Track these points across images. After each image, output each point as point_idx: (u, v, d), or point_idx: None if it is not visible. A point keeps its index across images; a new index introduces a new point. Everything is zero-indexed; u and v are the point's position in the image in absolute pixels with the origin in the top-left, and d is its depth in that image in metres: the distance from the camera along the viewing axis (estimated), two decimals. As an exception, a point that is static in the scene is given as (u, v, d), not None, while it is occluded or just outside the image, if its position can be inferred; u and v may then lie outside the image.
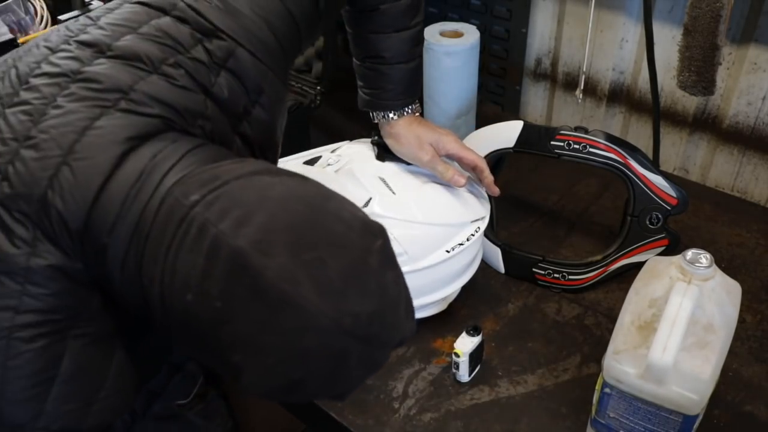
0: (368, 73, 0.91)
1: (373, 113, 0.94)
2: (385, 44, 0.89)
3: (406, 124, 0.93)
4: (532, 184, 1.28)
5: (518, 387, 0.92)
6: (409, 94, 0.93)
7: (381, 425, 0.88)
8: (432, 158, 0.92)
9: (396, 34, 0.89)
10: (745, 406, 0.88)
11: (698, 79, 1.05)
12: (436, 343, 0.99)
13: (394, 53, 0.90)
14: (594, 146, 1.00)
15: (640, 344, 0.72)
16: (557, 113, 1.48)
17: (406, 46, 0.90)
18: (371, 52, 0.90)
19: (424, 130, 0.93)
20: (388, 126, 0.93)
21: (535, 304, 1.04)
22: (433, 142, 0.92)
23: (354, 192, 0.89)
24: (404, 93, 0.92)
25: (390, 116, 0.92)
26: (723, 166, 1.27)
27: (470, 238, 0.93)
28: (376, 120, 0.94)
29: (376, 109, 0.93)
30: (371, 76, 0.91)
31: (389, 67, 0.90)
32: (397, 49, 0.90)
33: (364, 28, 0.89)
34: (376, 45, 0.89)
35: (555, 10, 1.34)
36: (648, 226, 1.03)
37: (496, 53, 1.47)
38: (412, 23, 0.90)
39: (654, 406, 0.72)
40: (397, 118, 0.93)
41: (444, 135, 0.94)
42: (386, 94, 0.91)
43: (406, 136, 0.93)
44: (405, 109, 0.93)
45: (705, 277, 0.71)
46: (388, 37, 0.89)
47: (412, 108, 0.94)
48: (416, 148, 0.92)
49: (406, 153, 0.93)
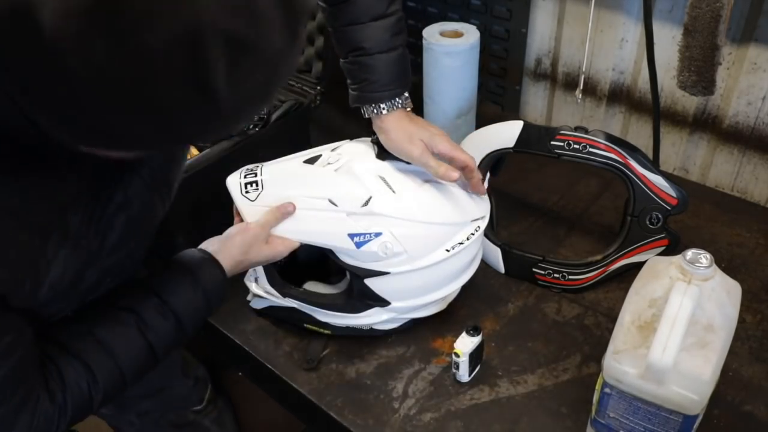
0: (352, 68, 0.91)
1: (363, 108, 0.93)
2: (364, 34, 0.89)
3: (396, 119, 0.92)
4: (532, 184, 1.28)
5: (518, 387, 0.92)
6: (396, 85, 0.92)
7: (381, 425, 0.88)
8: (423, 153, 0.91)
9: (373, 23, 0.88)
10: (745, 406, 0.88)
11: (698, 79, 1.05)
12: (436, 343, 0.99)
13: (373, 43, 0.89)
14: (594, 146, 1.00)
15: (640, 344, 0.72)
16: (557, 113, 1.48)
17: (386, 34, 0.89)
18: (352, 45, 0.90)
19: (415, 127, 0.92)
20: (378, 120, 0.92)
21: (535, 304, 1.04)
22: (425, 138, 0.91)
23: (354, 190, 0.89)
24: (391, 84, 0.91)
25: (380, 108, 0.91)
26: (723, 166, 1.27)
27: (470, 238, 0.93)
28: (366, 115, 0.93)
29: (364, 103, 0.92)
30: (355, 70, 0.91)
31: (371, 58, 0.90)
32: (376, 39, 0.89)
33: (341, 22, 0.89)
34: (355, 36, 0.89)
35: (555, 10, 1.34)
36: (648, 226, 1.03)
37: (496, 53, 1.47)
38: (389, 11, 0.89)
39: (654, 406, 0.72)
40: (387, 111, 0.91)
41: (436, 134, 0.93)
42: (371, 86, 0.90)
43: (395, 130, 0.92)
44: (394, 101, 0.92)
45: (705, 277, 0.71)
46: (366, 26, 0.88)
47: (402, 101, 0.93)
48: (407, 143, 0.91)
49: (396, 148, 0.92)
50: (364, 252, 0.88)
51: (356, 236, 0.88)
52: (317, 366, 0.96)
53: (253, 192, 0.90)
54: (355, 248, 0.88)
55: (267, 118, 1.15)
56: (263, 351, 0.99)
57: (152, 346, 0.76)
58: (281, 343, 1.00)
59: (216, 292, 0.83)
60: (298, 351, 0.99)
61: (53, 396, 0.68)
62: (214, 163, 1.07)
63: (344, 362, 0.97)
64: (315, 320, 0.98)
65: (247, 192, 0.90)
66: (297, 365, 0.97)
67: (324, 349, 0.99)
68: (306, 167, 0.93)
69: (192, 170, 1.05)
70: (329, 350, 0.99)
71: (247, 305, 1.05)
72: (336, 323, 0.97)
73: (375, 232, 0.88)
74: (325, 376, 0.95)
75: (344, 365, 0.96)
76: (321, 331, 0.99)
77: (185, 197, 1.06)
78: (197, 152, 1.10)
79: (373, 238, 0.88)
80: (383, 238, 0.88)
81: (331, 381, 0.94)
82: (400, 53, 0.92)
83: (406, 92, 0.93)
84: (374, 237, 0.88)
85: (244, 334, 1.02)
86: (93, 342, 0.73)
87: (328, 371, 0.96)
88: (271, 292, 0.98)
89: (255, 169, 0.94)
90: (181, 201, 1.06)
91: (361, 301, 0.94)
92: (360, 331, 0.98)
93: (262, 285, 0.99)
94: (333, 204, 0.88)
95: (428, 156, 0.91)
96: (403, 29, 0.92)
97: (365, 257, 0.89)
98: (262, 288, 0.99)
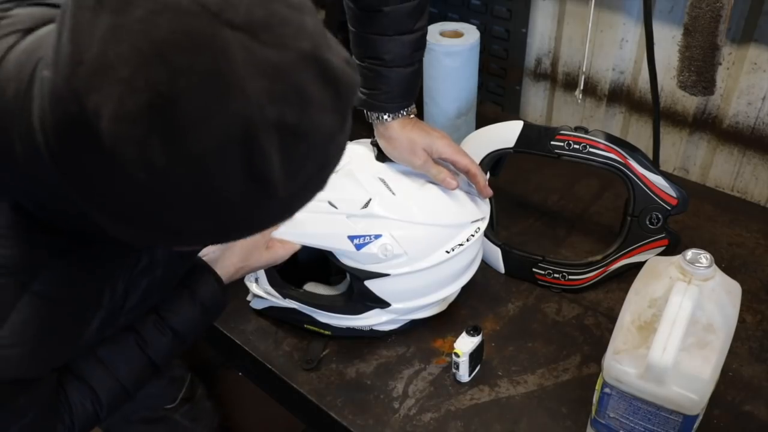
0: (367, 74, 0.91)
1: (368, 113, 0.93)
2: (387, 47, 0.89)
3: (399, 127, 0.92)
4: (532, 184, 1.28)
5: (518, 387, 0.92)
6: (406, 97, 0.93)
7: (381, 425, 0.88)
8: (424, 162, 0.92)
9: (398, 37, 0.88)
10: (745, 406, 0.88)
11: (698, 79, 1.05)
12: (436, 343, 0.99)
13: (394, 56, 0.89)
14: (594, 146, 1.00)
15: (640, 344, 0.72)
16: (557, 113, 1.48)
17: (407, 50, 0.90)
18: (371, 53, 0.90)
19: (417, 134, 0.92)
20: (382, 127, 0.93)
21: (535, 304, 1.05)
22: (427, 146, 0.92)
23: (354, 193, 0.89)
24: (401, 96, 0.92)
25: (384, 118, 0.92)
26: (723, 166, 1.27)
27: (470, 239, 0.93)
28: (370, 120, 0.94)
29: (371, 110, 0.93)
30: (369, 76, 0.91)
31: (388, 70, 0.90)
32: (397, 53, 0.89)
33: (366, 29, 0.89)
34: (377, 46, 0.89)
35: (555, 10, 1.34)
36: (648, 226, 1.03)
37: (496, 53, 1.47)
38: (416, 27, 0.90)
39: (654, 406, 0.72)
40: (392, 120, 0.92)
41: (438, 138, 0.93)
42: (382, 96, 0.91)
43: (399, 139, 0.92)
44: (400, 112, 0.93)
45: (705, 277, 0.71)
46: (391, 39, 0.88)
47: (407, 111, 0.94)
48: (408, 153, 0.92)
49: (398, 156, 0.93)
50: (364, 254, 0.88)
51: (356, 238, 0.88)
52: (317, 366, 0.96)
53: (253, 193, 0.90)
54: (355, 250, 0.88)
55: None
56: (263, 351, 0.99)
57: (153, 360, 0.78)
58: (281, 343, 1.00)
59: (214, 305, 0.83)
60: (298, 351, 0.99)
61: (63, 419, 0.71)
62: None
63: (344, 362, 0.97)
64: (315, 321, 0.98)
65: (247, 193, 0.90)
66: (297, 365, 0.97)
67: (324, 349, 0.99)
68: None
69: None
70: (329, 350, 0.99)
71: (247, 305, 1.05)
72: (336, 324, 0.97)
73: (375, 234, 0.88)
74: (325, 376, 0.95)
75: (344, 365, 0.96)
76: (321, 332, 0.99)
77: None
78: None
79: (373, 240, 0.88)
80: (383, 240, 0.88)
81: (331, 381, 0.94)
82: (415, 69, 0.93)
83: (413, 103, 0.94)
84: (374, 239, 0.88)
85: (244, 334, 1.02)
86: (95, 362, 0.74)
87: (328, 371, 0.96)
88: (271, 292, 0.98)
89: (255, 170, 0.94)
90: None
91: (361, 302, 0.94)
92: (360, 331, 0.98)
93: (263, 285, 0.99)
94: (333, 206, 0.88)
95: (430, 164, 0.93)
96: (423, 45, 0.93)
97: (365, 259, 0.89)
98: (263, 288, 0.99)
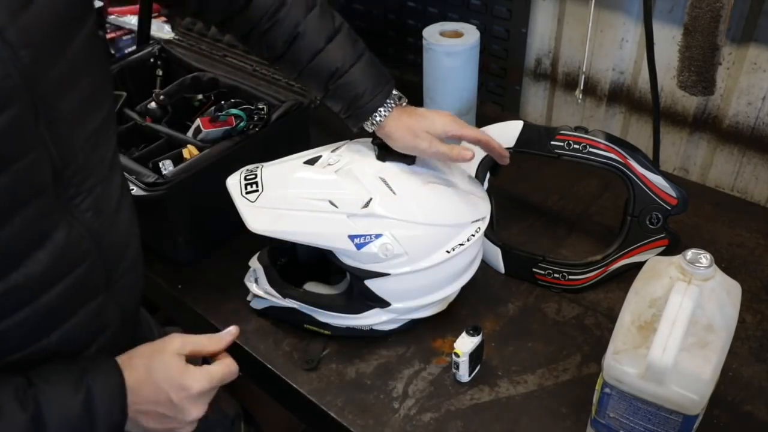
0: (337, 94, 0.91)
1: (365, 125, 0.93)
2: (329, 57, 0.89)
3: (394, 119, 0.92)
4: (532, 184, 1.28)
5: (518, 387, 0.92)
6: (381, 83, 0.92)
7: (381, 425, 0.88)
8: (431, 143, 0.90)
9: (331, 44, 0.89)
10: (745, 406, 0.88)
11: (698, 79, 1.05)
12: (436, 343, 0.99)
13: (342, 59, 0.90)
14: (594, 146, 1.00)
15: (640, 344, 0.72)
16: (557, 113, 1.48)
17: (347, 47, 0.90)
18: (325, 74, 0.90)
19: (414, 120, 0.92)
20: (380, 128, 0.93)
21: (535, 304, 1.05)
22: (427, 127, 0.91)
23: (354, 192, 0.89)
24: (376, 86, 0.91)
25: (378, 119, 0.91)
26: (723, 166, 1.27)
27: (470, 239, 0.93)
28: (371, 129, 0.93)
29: (364, 120, 0.92)
30: (340, 93, 0.91)
31: (348, 74, 0.90)
32: (342, 54, 0.90)
33: (302, 62, 0.90)
34: (322, 65, 0.90)
35: (555, 10, 1.34)
36: (648, 226, 1.03)
37: (496, 53, 1.48)
38: (337, 25, 0.91)
39: (654, 406, 0.72)
40: (386, 114, 0.91)
41: (438, 116, 0.92)
42: (362, 99, 0.91)
43: (398, 129, 0.91)
44: (387, 102, 0.91)
45: (705, 277, 0.71)
46: (327, 50, 0.89)
47: (395, 99, 0.93)
48: (412, 139, 0.91)
49: (404, 146, 0.92)
50: (364, 253, 0.88)
51: (356, 238, 0.88)
52: (317, 366, 0.96)
53: (253, 193, 0.90)
54: (355, 250, 0.88)
55: (267, 118, 1.15)
56: (263, 351, 0.99)
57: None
58: (281, 343, 1.00)
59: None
60: (298, 351, 0.99)
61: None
62: (214, 163, 1.07)
63: (344, 362, 0.97)
64: (315, 321, 0.98)
65: (248, 193, 0.90)
66: (297, 365, 0.97)
67: (324, 349, 0.99)
68: (306, 168, 0.93)
69: (192, 170, 1.05)
70: (329, 350, 0.99)
71: (247, 305, 1.05)
72: (336, 324, 0.97)
73: (375, 234, 0.88)
74: (325, 376, 0.95)
75: (344, 365, 0.96)
76: (321, 332, 0.99)
77: (185, 197, 1.06)
78: (197, 152, 1.10)
79: (374, 240, 0.88)
80: (383, 240, 0.88)
81: (331, 381, 0.94)
82: (368, 57, 0.92)
83: (394, 89, 0.93)
84: (374, 238, 0.88)
85: (244, 334, 1.02)
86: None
87: (328, 371, 0.96)
88: (271, 292, 0.98)
89: (255, 170, 0.94)
90: (181, 201, 1.06)
91: (361, 302, 0.94)
92: (360, 331, 0.98)
93: (262, 285, 0.99)
94: (333, 205, 0.88)
95: (437, 144, 0.91)
96: (357, 36, 0.93)
97: (365, 259, 0.89)
98: (262, 288, 0.99)
